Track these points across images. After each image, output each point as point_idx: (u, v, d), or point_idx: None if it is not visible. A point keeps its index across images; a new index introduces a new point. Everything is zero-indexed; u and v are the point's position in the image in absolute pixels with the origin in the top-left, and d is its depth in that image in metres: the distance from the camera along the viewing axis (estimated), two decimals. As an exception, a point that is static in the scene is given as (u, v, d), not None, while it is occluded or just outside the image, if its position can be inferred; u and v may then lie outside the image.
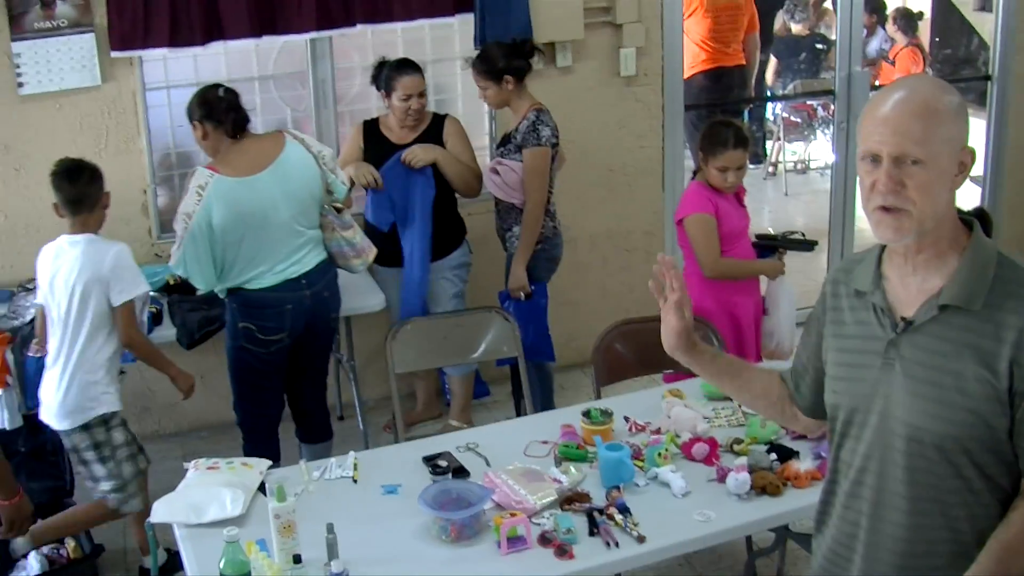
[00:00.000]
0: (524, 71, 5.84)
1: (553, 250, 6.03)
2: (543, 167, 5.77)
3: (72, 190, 4.91)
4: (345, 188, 5.45)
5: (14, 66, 6.02)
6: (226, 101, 5.20)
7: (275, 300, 5.22)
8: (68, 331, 4.88)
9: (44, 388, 5.00)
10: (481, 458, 4.14)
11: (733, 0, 9.12)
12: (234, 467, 4.03)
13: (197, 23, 6.04)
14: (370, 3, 6.28)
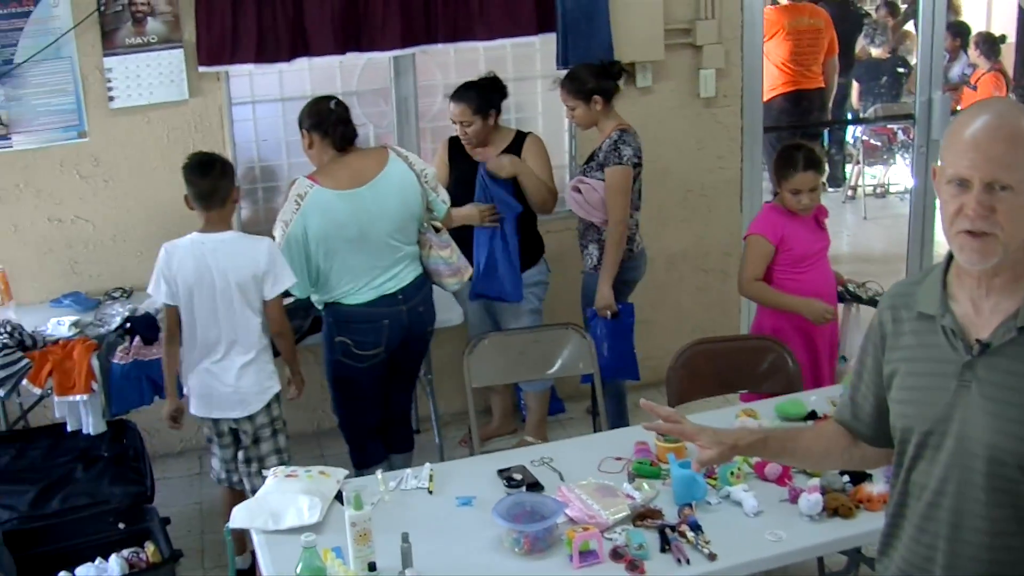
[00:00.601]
0: (612, 92, 5.89)
1: (628, 272, 6.03)
2: (624, 186, 5.79)
3: (203, 184, 5.03)
4: (445, 207, 5.51)
5: (105, 80, 6.16)
6: (336, 114, 5.30)
7: (372, 315, 5.31)
8: (233, 324, 5.03)
9: (204, 383, 5.13)
10: (555, 472, 4.18)
11: (813, 23, 9.12)
12: (312, 476, 4.10)
13: (283, 40, 6.15)
14: (453, 21, 6.36)
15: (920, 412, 2.69)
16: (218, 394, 5.11)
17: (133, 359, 5.42)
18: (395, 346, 5.43)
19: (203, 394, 5.14)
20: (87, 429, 5.46)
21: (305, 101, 5.83)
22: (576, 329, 5.40)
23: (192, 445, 6.83)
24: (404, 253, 5.37)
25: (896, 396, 2.76)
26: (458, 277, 5.56)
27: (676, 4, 6.82)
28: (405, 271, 5.38)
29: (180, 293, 5.02)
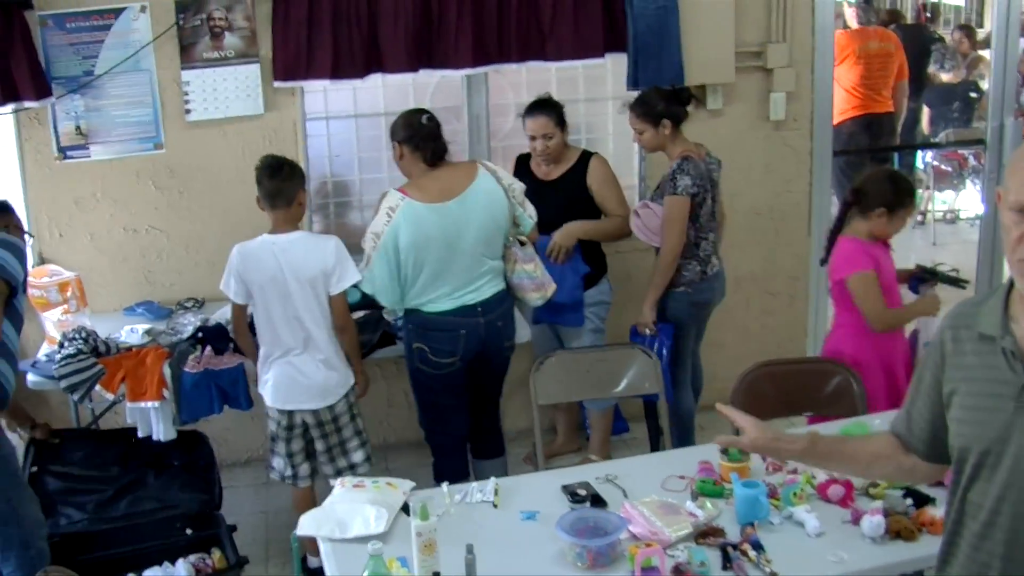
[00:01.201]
0: (681, 117, 5.89)
1: (698, 295, 6.01)
2: (677, 216, 5.77)
3: (270, 184, 5.23)
4: (532, 222, 5.56)
5: (183, 93, 6.27)
6: (427, 129, 5.39)
7: (450, 324, 5.38)
8: (309, 320, 5.23)
9: (286, 375, 5.29)
10: (619, 489, 4.19)
11: (884, 47, 9.09)
12: (379, 486, 4.15)
13: (358, 56, 6.23)
14: (525, 42, 6.41)
15: (978, 432, 2.69)
16: (299, 387, 5.29)
17: (204, 368, 5.51)
18: (471, 357, 5.48)
19: (284, 387, 5.31)
20: (157, 435, 5.54)
21: (378, 118, 5.94)
22: (643, 349, 5.42)
23: (258, 455, 6.89)
24: (488, 267, 5.43)
25: (955, 415, 2.77)
26: (541, 292, 5.58)
27: (747, 27, 6.83)
28: (487, 285, 5.44)
29: (253, 292, 5.21)
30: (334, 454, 5.46)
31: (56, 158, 6.22)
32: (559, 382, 5.36)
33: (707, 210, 5.90)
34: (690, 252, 5.90)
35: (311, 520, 3.98)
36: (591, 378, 5.43)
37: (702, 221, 5.88)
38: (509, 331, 5.63)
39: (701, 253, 5.95)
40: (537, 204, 5.66)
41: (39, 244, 6.29)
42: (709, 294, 6.08)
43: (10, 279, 4.68)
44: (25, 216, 6.04)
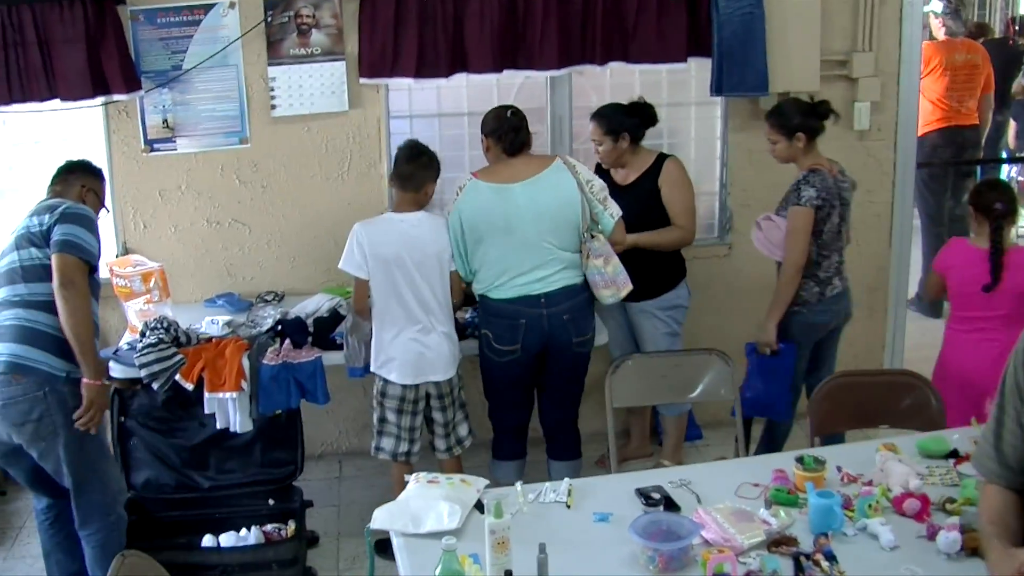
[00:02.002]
0: (816, 131, 5.81)
1: (814, 316, 5.88)
2: (799, 227, 5.69)
3: (406, 167, 5.47)
4: (612, 221, 5.57)
5: (269, 89, 6.34)
6: (510, 122, 5.58)
7: (510, 312, 5.48)
8: (432, 294, 5.45)
9: (413, 351, 5.46)
10: (693, 495, 4.18)
11: (971, 59, 8.99)
12: (453, 483, 4.16)
13: (443, 56, 6.28)
14: (608, 44, 6.42)
15: None
16: (427, 360, 5.46)
17: (282, 361, 5.55)
18: (534, 349, 5.55)
19: (410, 362, 5.46)
20: (234, 427, 5.61)
21: (461, 118, 5.99)
22: (720, 355, 5.39)
23: (332, 449, 6.98)
24: (557, 258, 5.48)
25: None
26: (613, 290, 5.56)
27: (833, 35, 6.79)
28: (556, 276, 5.49)
29: (374, 268, 5.36)
30: (449, 428, 5.65)
31: (143, 150, 6.33)
32: (635, 386, 5.36)
33: (832, 227, 5.79)
34: (809, 270, 5.81)
35: (385, 514, 4.00)
36: (667, 382, 5.42)
37: (825, 238, 5.78)
38: (580, 328, 5.61)
39: (821, 273, 5.84)
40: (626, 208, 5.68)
41: (124, 234, 6.39)
42: (826, 316, 5.93)
43: (89, 258, 4.82)
44: (112, 207, 6.13)
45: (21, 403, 4.73)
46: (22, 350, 4.72)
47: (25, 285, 4.78)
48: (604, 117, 6.07)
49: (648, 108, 6.12)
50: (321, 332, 5.80)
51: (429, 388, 5.53)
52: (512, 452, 5.88)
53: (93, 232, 4.89)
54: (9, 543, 6.18)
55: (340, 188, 6.55)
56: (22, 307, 4.76)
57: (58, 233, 4.77)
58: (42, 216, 4.85)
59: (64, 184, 5.17)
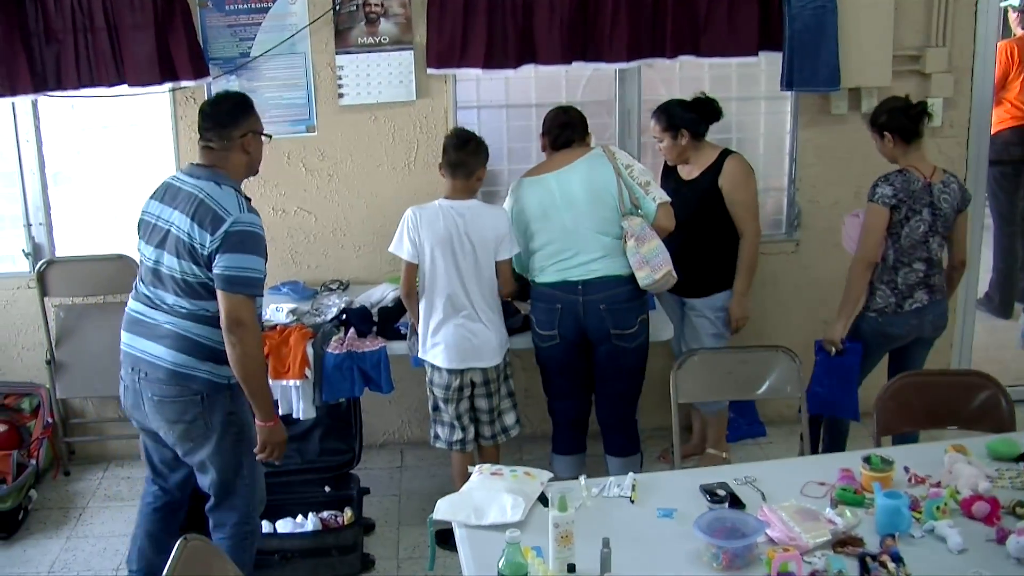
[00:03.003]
0: (908, 132, 5.67)
1: (888, 325, 5.76)
2: (871, 224, 5.60)
3: (455, 155, 5.45)
4: (654, 205, 5.51)
5: (336, 78, 6.36)
6: (559, 119, 5.66)
7: (549, 296, 5.54)
8: (479, 281, 5.48)
9: (459, 336, 5.48)
10: (758, 492, 4.15)
11: (1047, 56, 8.84)
12: (517, 475, 4.14)
13: (511, 46, 6.26)
14: (679, 37, 6.36)
15: None
16: (471, 346, 5.48)
17: (347, 350, 5.56)
18: (572, 337, 5.56)
19: (457, 347, 5.49)
20: (297, 414, 5.61)
21: (529, 109, 6.01)
22: (786, 352, 5.33)
23: (394, 439, 6.99)
24: (597, 243, 5.49)
25: None
26: (647, 271, 5.45)
27: (906, 29, 6.70)
28: (597, 263, 5.50)
29: (425, 253, 5.39)
30: (494, 415, 5.67)
31: (210, 137, 6.34)
32: (700, 381, 5.31)
33: (914, 233, 5.64)
34: (886, 276, 5.71)
35: (448, 505, 3.99)
36: (733, 378, 5.36)
37: (903, 244, 5.65)
38: (621, 320, 5.53)
39: (900, 281, 5.70)
40: (678, 204, 5.64)
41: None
42: (902, 329, 5.78)
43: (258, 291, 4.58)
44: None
45: (177, 403, 4.61)
46: (183, 359, 4.55)
47: (189, 300, 4.53)
48: (663, 113, 6.03)
49: (710, 103, 6.06)
50: (385, 321, 5.80)
51: (474, 375, 5.55)
52: (569, 446, 5.86)
53: (260, 250, 4.59)
54: (73, 522, 6.24)
55: (406, 178, 6.55)
56: (189, 319, 4.55)
57: (222, 266, 4.44)
58: (198, 226, 4.45)
59: (220, 144, 4.64)
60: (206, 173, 4.57)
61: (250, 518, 4.91)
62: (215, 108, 4.70)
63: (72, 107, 6.46)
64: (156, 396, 4.62)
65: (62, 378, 6.73)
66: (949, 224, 5.68)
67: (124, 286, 5.82)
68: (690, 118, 6.00)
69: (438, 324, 5.47)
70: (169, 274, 4.54)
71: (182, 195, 4.54)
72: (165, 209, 4.57)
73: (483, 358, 5.51)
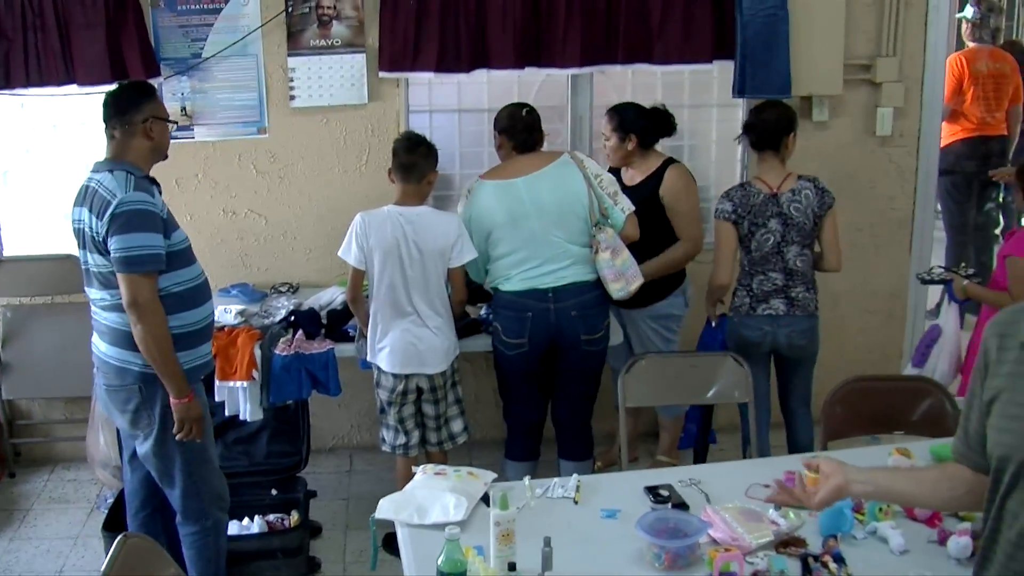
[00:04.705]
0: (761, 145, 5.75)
1: (743, 328, 5.82)
2: (718, 239, 5.77)
3: (407, 157, 5.40)
4: (623, 215, 5.53)
5: (288, 80, 6.34)
6: (524, 121, 5.62)
7: (518, 305, 5.48)
8: (427, 289, 5.41)
9: (405, 341, 5.42)
10: (702, 494, 4.15)
11: (999, 68, 8.90)
12: (461, 475, 4.14)
13: (464, 51, 6.26)
14: (632, 43, 6.38)
15: (1018, 441, 2.64)
16: (417, 351, 5.43)
17: (295, 352, 5.54)
18: (541, 344, 5.53)
19: (402, 352, 5.44)
20: (244, 415, 5.61)
21: (482, 114, 5.99)
22: (735, 357, 5.35)
23: (343, 443, 6.98)
24: (565, 252, 5.48)
25: (994, 423, 2.73)
26: (622, 283, 5.49)
27: (857, 39, 6.75)
28: (565, 271, 5.48)
29: (374, 259, 5.34)
30: (440, 422, 5.62)
31: (160, 138, 6.31)
32: (649, 385, 5.30)
33: (762, 245, 5.67)
34: (744, 280, 5.80)
35: (391, 504, 3.98)
36: (681, 383, 5.36)
37: (754, 255, 5.71)
38: (590, 325, 5.56)
39: (755, 287, 5.75)
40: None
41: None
42: (756, 333, 5.79)
43: (152, 267, 4.47)
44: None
45: (120, 392, 4.65)
46: (117, 352, 4.60)
47: (109, 292, 4.54)
48: (616, 113, 6.02)
49: (667, 117, 6.06)
50: (334, 324, 5.79)
51: (420, 381, 5.50)
52: (524, 452, 5.84)
53: (149, 226, 4.45)
54: (16, 524, 6.19)
55: (357, 181, 6.53)
56: (113, 311, 4.56)
57: (114, 247, 4.40)
58: (95, 217, 4.45)
59: (123, 130, 4.60)
60: (104, 166, 4.58)
61: (205, 514, 4.89)
62: (116, 95, 4.70)
63: (22, 106, 6.42)
64: (105, 385, 4.70)
65: (8, 379, 6.67)
66: (807, 232, 5.70)
67: (72, 286, 5.81)
68: (643, 125, 5.99)
69: (384, 328, 5.45)
70: (93, 270, 4.58)
71: (88, 192, 4.54)
72: (78, 210, 4.59)
73: (428, 364, 5.47)
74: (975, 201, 9.06)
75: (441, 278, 5.42)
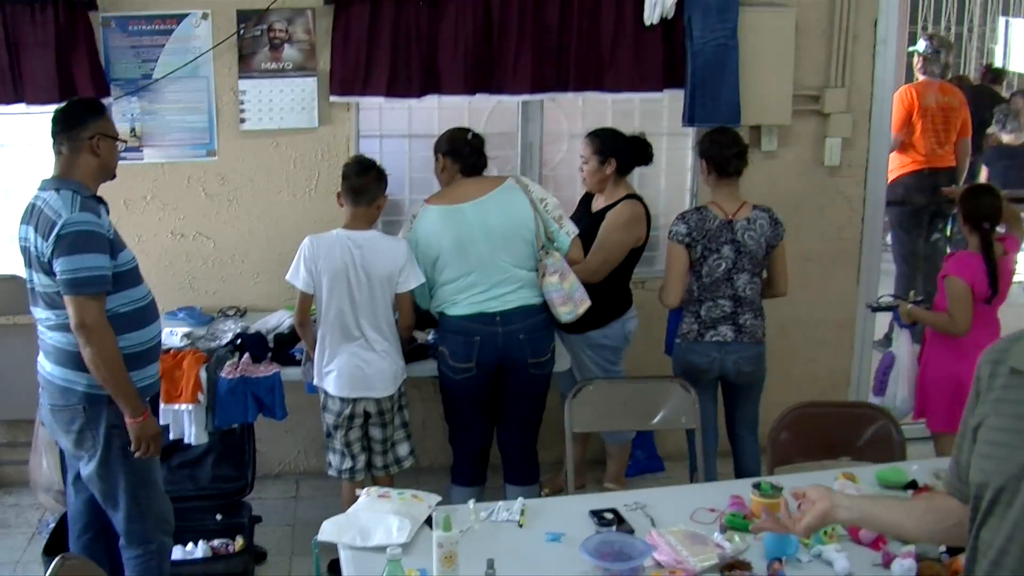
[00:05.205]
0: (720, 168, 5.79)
1: (690, 354, 5.83)
2: (670, 261, 5.78)
3: (358, 181, 5.40)
4: (568, 239, 5.57)
5: (239, 102, 6.32)
6: (470, 145, 5.63)
7: (465, 329, 5.47)
8: (375, 313, 5.40)
9: (352, 365, 5.40)
10: (648, 518, 4.15)
11: (948, 102, 8.97)
12: (405, 498, 4.12)
13: (415, 76, 6.25)
14: (583, 71, 6.40)
15: (996, 468, 2.62)
16: (364, 375, 5.40)
17: (241, 375, 5.51)
18: (489, 368, 5.53)
19: (349, 376, 5.41)
20: (188, 439, 5.57)
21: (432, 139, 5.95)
22: (682, 383, 5.35)
23: (290, 469, 6.93)
24: (513, 276, 5.50)
25: (978, 450, 2.71)
26: (570, 306, 5.53)
27: (807, 70, 6.80)
28: (512, 295, 5.50)
29: (321, 283, 5.33)
30: (387, 446, 5.59)
31: (109, 159, 6.26)
32: (596, 411, 5.31)
33: (713, 271, 5.70)
34: (693, 307, 5.79)
35: (333, 526, 3.97)
36: (628, 409, 5.38)
37: (705, 281, 5.72)
38: (537, 349, 5.59)
39: (703, 313, 5.77)
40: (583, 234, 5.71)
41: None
42: (704, 359, 5.80)
43: (98, 288, 4.43)
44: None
45: (65, 412, 4.60)
46: (61, 372, 4.55)
47: (54, 312, 4.50)
48: (598, 137, 6.02)
49: (646, 146, 6.10)
50: (281, 347, 5.77)
51: (367, 405, 5.47)
52: (471, 477, 5.82)
53: (95, 247, 4.41)
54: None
55: (307, 205, 6.50)
56: (58, 331, 4.52)
57: (60, 269, 4.35)
58: (40, 237, 4.41)
59: (70, 146, 4.57)
60: (51, 184, 4.54)
61: (148, 537, 4.83)
62: (65, 111, 4.67)
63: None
64: (49, 404, 4.65)
65: (-52, 402, 6.57)
66: (758, 260, 5.74)
67: (17, 307, 5.72)
68: (623, 151, 6.01)
69: (332, 352, 5.42)
70: (39, 290, 4.54)
71: (35, 211, 4.51)
72: (24, 228, 4.55)
73: (375, 388, 5.44)
74: (924, 232, 9.12)
75: (389, 302, 5.40)
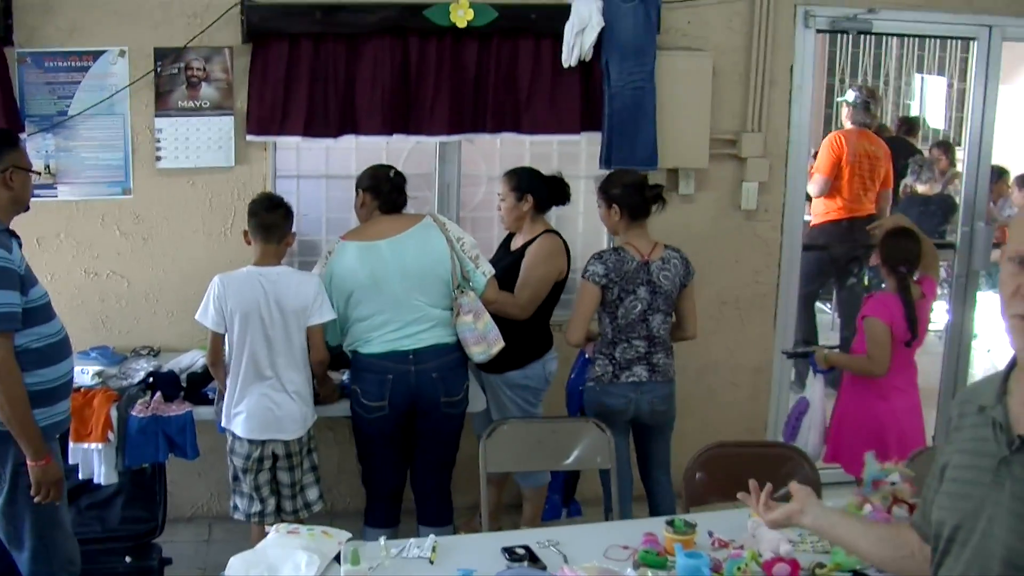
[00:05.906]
0: (637, 210, 5.81)
1: (605, 396, 5.79)
2: (580, 300, 5.80)
3: (268, 217, 5.37)
4: (484, 279, 5.57)
5: (155, 140, 6.26)
6: (391, 182, 5.63)
7: (378, 367, 5.44)
8: (287, 351, 5.34)
9: (261, 406, 5.32)
10: (560, 555, 4.12)
11: (873, 151, 9.08)
12: (314, 534, 4.06)
13: (332, 116, 6.25)
14: (501, 113, 6.44)
15: (954, 505, 2.63)
16: (274, 417, 5.33)
17: (152, 414, 5.44)
18: (402, 406, 5.49)
19: (259, 417, 5.34)
20: (98, 479, 5.48)
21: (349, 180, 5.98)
22: (596, 424, 5.35)
23: (202, 512, 6.83)
24: (427, 315, 5.48)
25: (943, 488, 2.70)
26: (484, 346, 5.53)
27: (723, 114, 6.86)
28: (426, 333, 5.48)
29: (233, 321, 5.27)
30: (296, 489, 5.50)
31: (22, 196, 6.18)
32: (510, 451, 5.29)
33: (629, 312, 5.70)
34: (606, 349, 5.79)
35: (241, 562, 3.90)
36: (543, 449, 5.36)
37: (620, 322, 5.73)
38: (450, 387, 5.56)
39: (618, 355, 5.76)
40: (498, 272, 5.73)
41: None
42: (620, 400, 5.78)
43: (6, 327, 4.33)
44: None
45: None
46: None
47: None
48: (515, 174, 6.07)
49: (563, 186, 6.12)
50: (193, 386, 5.71)
51: (276, 447, 5.39)
52: (385, 519, 5.76)
53: (5, 283, 4.33)
54: None
55: (222, 245, 6.45)
56: None
57: None
58: None
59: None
60: None
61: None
62: None
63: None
64: None
65: None
66: (671, 300, 5.78)
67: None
68: (541, 189, 6.04)
69: (242, 394, 5.35)
70: None
71: None
72: None
73: (285, 430, 5.37)
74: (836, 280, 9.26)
75: (303, 338, 5.35)
